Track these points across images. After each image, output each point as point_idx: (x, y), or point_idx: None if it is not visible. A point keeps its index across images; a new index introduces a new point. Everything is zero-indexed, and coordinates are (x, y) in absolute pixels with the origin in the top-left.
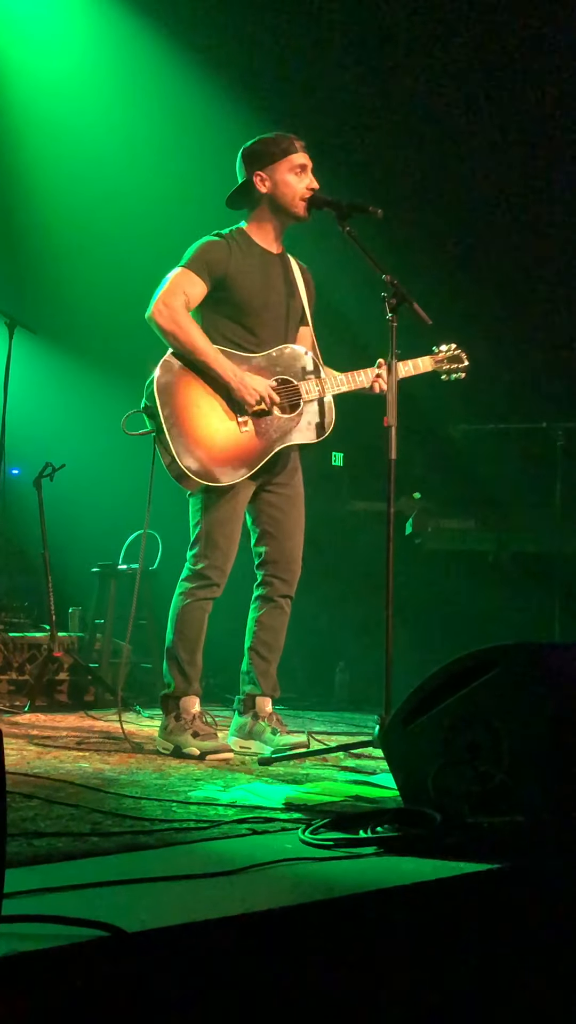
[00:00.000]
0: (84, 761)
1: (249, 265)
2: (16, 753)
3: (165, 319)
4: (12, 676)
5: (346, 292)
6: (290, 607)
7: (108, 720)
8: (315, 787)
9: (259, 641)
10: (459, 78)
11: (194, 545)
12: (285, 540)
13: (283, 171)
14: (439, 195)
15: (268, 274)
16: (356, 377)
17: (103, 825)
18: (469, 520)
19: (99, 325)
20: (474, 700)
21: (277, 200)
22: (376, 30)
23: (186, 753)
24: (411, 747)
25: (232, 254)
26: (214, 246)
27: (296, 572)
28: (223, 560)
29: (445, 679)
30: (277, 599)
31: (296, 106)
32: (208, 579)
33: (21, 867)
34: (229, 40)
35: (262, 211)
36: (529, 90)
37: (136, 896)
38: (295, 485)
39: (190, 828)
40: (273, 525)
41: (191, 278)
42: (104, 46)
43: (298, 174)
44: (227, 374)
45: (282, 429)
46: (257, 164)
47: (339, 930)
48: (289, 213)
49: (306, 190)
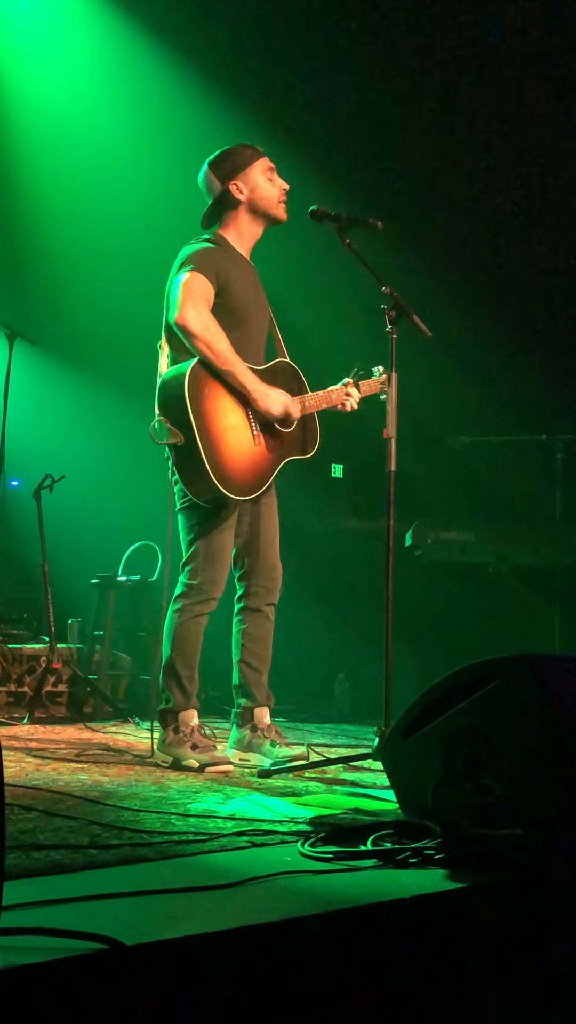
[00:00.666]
0: (83, 773)
1: (237, 272)
2: (15, 765)
3: (199, 326)
4: (11, 688)
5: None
6: (274, 614)
7: (107, 732)
8: (314, 800)
9: (249, 652)
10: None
11: (189, 560)
12: (266, 549)
13: (256, 176)
14: (438, 207)
15: (248, 282)
16: (331, 395)
17: (102, 837)
18: (469, 532)
19: (98, 337)
20: (473, 713)
21: (256, 204)
22: (376, 40)
23: (185, 766)
24: (410, 760)
25: (226, 260)
26: (214, 252)
27: (278, 579)
28: (221, 573)
29: (444, 692)
30: (263, 608)
31: (297, 120)
32: (206, 593)
33: (20, 879)
34: (231, 55)
35: (239, 219)
36: (530, 91)
37: (135, 909)
38: (271, 496)
39: (189, 841)
40: (253, 535)
41: (205, 282)
42: (105, 60)
43: (270, 177)
44: (252, 386)
45: (283, 444)
46: (230, 175)
47: (338, 943)
48: (269, 216)
49: (281, 191)
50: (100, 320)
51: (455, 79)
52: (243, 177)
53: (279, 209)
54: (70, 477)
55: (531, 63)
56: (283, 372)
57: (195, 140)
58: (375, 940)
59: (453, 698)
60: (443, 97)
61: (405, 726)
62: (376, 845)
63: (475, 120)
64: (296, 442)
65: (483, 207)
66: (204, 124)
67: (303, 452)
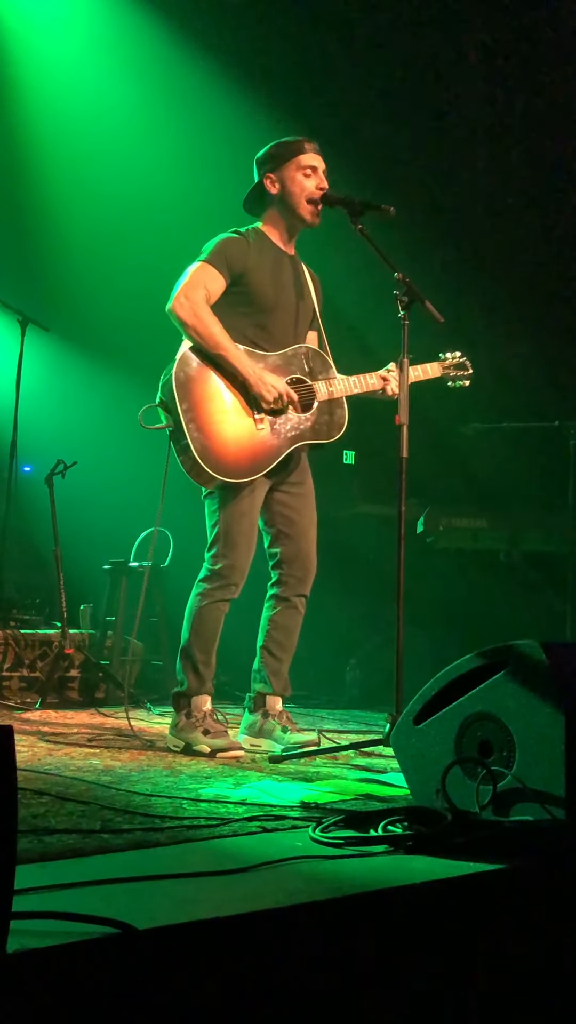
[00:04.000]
0: (95, 758)
1: (265, 263)
2: (27, 750)
3: (187, 313)
4: (23, 673)
5: (356, 296)
6: (305, 606)
7: (119, 717)
8: (325, 785)
9: (272, 640)
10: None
11: (212, 545)
12: (300, 539)
13: (291, 172)
14: (453, 193)
15: (281, 274)
16: (367, 379)
17: (113, 822)
18: (481, 519)
19: (111, 322)
20: (485, 699)
21: (286, 200)
22: (389, 28)
23: (197, 751)
24: (422, 746)
25: (250, 251)
26: (234, 242)
27: (311, 571)
28: (243, 559)
29: (456, 678)
30: (293, 598)
31: (308, 102)
32: (227, 579)
33: (32, 864)
34: (244, 37)
35: (274, 213)
36: (543, 82)
37: (146, 893)
38: (307, 484)
39: (200, 826)
40: (288, 525)
41: (211, 273)
42: (116, 44)
43: (307, 175)
44: (246, 370)
45: (296, 428)
46: (268, 166)
47: (349, 928)
48: (296, 215)
49: (315, 190)
50: (113, 306)
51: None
52: (278, 172)
53: (305, 210)
54: (82, 463)
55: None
56: (303, 357)
57: (212, 125)
58: (386, 925)
59: (465, 684)
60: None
61: (416, 712)
62: (387, 831)
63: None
64: (320, 426)
65: (497, 194)
66: (221, 109)
67: (327, 437)
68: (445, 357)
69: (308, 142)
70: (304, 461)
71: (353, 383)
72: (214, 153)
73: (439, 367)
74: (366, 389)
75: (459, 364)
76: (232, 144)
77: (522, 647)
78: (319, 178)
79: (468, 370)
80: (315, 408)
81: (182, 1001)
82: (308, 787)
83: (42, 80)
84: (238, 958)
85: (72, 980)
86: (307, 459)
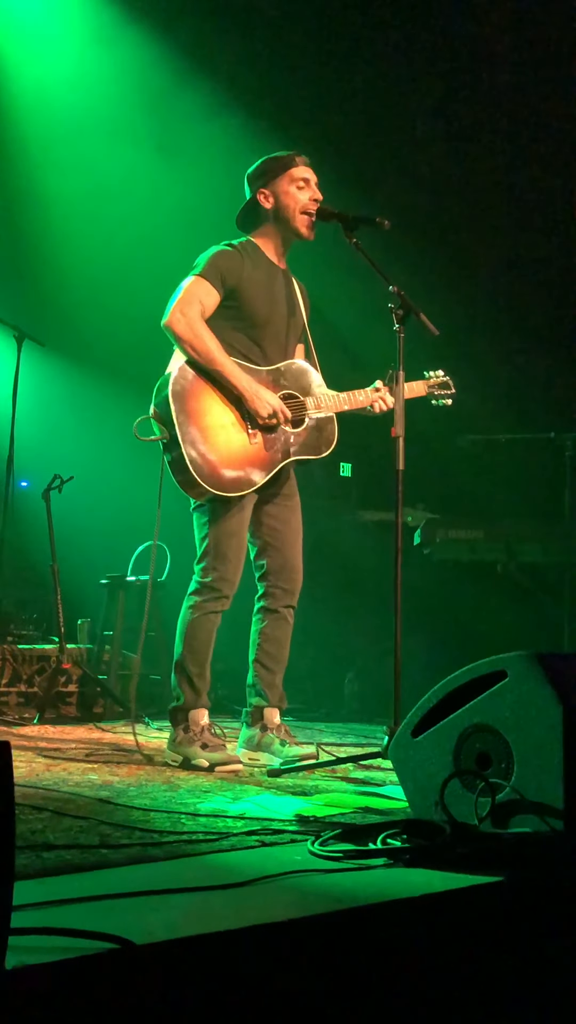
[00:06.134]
0: (93, 773)
1: (258, 277)
2: (25, 765)
3: (183, 327)
4: (21, 688)
5: (349, 311)
6: (293, 617)
7: (117, 732)
8: (324, 799)
9: (264, 653)
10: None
11: (202, 558)
12: (286, 550)
13: (284, 185)
14: (446, 206)
15: (274, 288)
16: (356, 396)
17: (112, 837)
18: (478, 530)
19: (107, 337)
20: (483, 710)
21: (280, 214)
22: (382, 44)
23: (195, 765)
24: (420, 758)
25: (244, 264)
26: (227, 255)
27: (298, 581)
28: (232, 571)
29: (454, 689)
30: (280, 609)
31: (303, 117)
32: (218, 591)
33: (30, 880)
34: (237, 55)
35: (267, 227)
36: (537, 98)
37: (145, 908)
38: (294, 497)
39: (199, 840)
40: (274, 536)
41: (206, 287)
42: (111, 63)
43: (300, 187)
44: (242, 385)
45: (288, 443)
46: (260, 181)
47: (348, 942)
48: (291, 228)
49: (309, 202)
50: (108, 320)
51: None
52: (271, 186)
53: (299, 222)
54: (79, 478)
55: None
56: (294, 373)
57: (204, 141)
58: (385, 939)
59: (463, 696)
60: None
61: (415, 724)
62: (386, 844)
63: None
64: (309, 442)
65: (490, 206)
66: (214, 126)
67: (316, 453)
68: (429, 376)
69: (299, 155)
70: (292, 474)
71: (343, 399)
72: (208, 169)
73: (424, 385)
74: (355, 405)
75: (443, 383)
76: (226, 160)
77: (519, 658)
78: (312, 190)
79: (451, 389)
80: (306, 424)
81: (181, 1016)
82: (307, 801)
83: (37, 98)
84: (237, 973)
85: (71, 996)
86: (294, 473)
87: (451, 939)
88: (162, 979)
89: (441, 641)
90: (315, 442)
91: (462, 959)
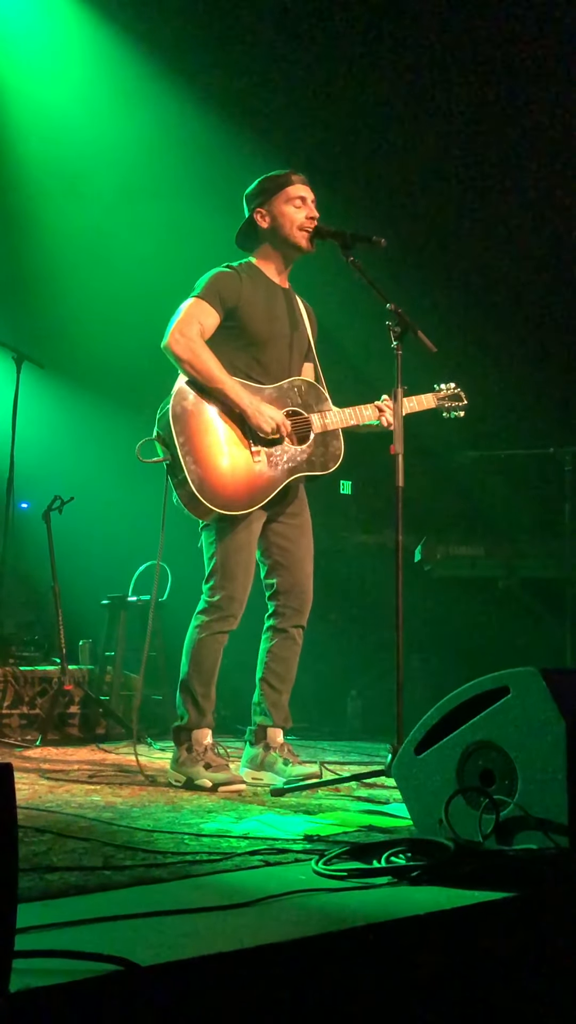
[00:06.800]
0: (96, 794)
1: (257, 297)
2: (28, 787)
3: (182, 348)
4: (23, 710)
5: (352, 329)
6: (302, 637)
7: (120, 753)
8: (328, 817)
9: (271, 672)
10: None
11: (210, 577)
12: (296, 570)
13: (280, 204)
14: (443, 224)
15: (275, 307)
16: (362, 411)
17: (116, 858)
18: (478, 547)
19: (106, 358)
20: (486, 727)
21: (278, 233)
22: (383, 63)
23: (198, 785)
24: (424, 775)
25: (243, 285)
26: (226, 276)
27: (308, 601)
28: (241, 591)
29: (456, 706)
30: (290, 629)
31: (302, 138)
32: (225, 610)
33: (34, 902)
34: (234, 73)
35: (266, 247)
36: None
37: (149, 929)
38: (303, 515)
39: (203, 860)
40: (284, 555)
41: (205, 308)
42: (111, 86)
43: (297, 206)
44: (243, 402)
45: (293, 460)
46: (257, 201)
47: (354, 961)
48: (290, 244)
49: (306, 220)
50: (107, 342)
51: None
52: (268, 205)
53: (299, 237)
54: (79, 499)
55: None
56: (298, 389)
57: (202, 162)
58: (390, 958)
59: (465, 713)
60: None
61: (418, 742)
62: (390, 862)
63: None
64: (315, 458)
65: (488, 223)
66: (212, 146)
67: (323, 469)
68: (440, 388)
69: (295, 174)
70: (301, 492)
71: (348, 415)
72: (209, 190)
73: (434, 398)
74: (361, 421)
75: (454, 395)
76: (226, 181)
77: (522, 674)
78: (309, 208)
79: (463, 400)
80: (311, 440)
81: None
82: (310, 820)
83: (38, 124)
84: (242, 993)
85: (76, 1018)
86: (304, 491)
87: (458, 956)
88: (166, 1001)
89: (443, 658)
90: (321, 458)
91: (470, 976)
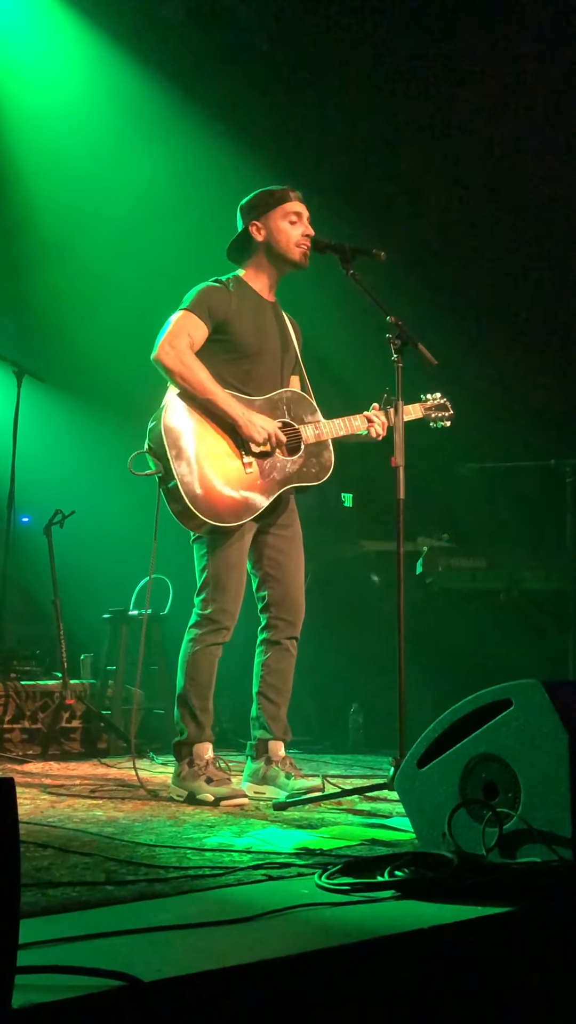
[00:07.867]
0: (98, 809)
1: (247, 310)
2: (30, 802)
3: (172, 360)
4: (25, 724)
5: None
6: (296, 648)
7: (121, 767)
8: (330, 831)
9: (267, 685)
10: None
11: (201, 590)
12: (288, 581)
13: (277, 219)
14: (443, 236)
15: (264, 321)
16: (352, 422)
17: (118, 873)
18: (480, 559)
19: (106, 372)
20: (489, 740)
21: (273, 247)
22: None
23: (200, 799)
24: (426, 789)
25: (231, 299)
26: (214, 291)
27: (300, 613)
28: (232, 603)
29: (459, 719)
30: (283, 641)
31: (297, 151)
32: (218, 623)
33: (36, 917)
34: (235, 88)
35: (259, 260)
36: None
37: (152, 945)
38: (294, 526)
39: (205, 875)
40: (275, 567)
41: (194, 321)
42: (110, 98)
43: (293, 222)
44: (235, 413)
45: (284, 471)
46: (252, 214)
47: (357, 975)
48: (286, 260)
49: (301, 237)
50: (108, 355)
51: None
52: (264, 219)
53: (295, 253)
54: (80, 513)
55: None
56: (288, 401)
57: (201, 175)
58: (394, 972)
59: (468, 725)
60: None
61: (420, 755)
62: (394, 876)
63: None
64: (306, 469)
65: (489, 235)
66: (211, 160)
67: (315, 479)
68: (426, 398)
69: (292, 191)
70: (292, 504)
71: (338, 425)
72: (206, 204)
73: (420, 408)
74: (351, 431)
75: (440, 405)
76: (223, 194)
77: (524, 686)
78: (304, 225)
79: (449, 411)
80: (302, 451)
81: None
82: (313, 834)
83: (36, 131)
84: (246, 1008)
85: None
86: (295, 502)
87: (463, 970)
88: (169, 1016)
89: (445, 671)
90: (312, 469)
91: (474, 990)
